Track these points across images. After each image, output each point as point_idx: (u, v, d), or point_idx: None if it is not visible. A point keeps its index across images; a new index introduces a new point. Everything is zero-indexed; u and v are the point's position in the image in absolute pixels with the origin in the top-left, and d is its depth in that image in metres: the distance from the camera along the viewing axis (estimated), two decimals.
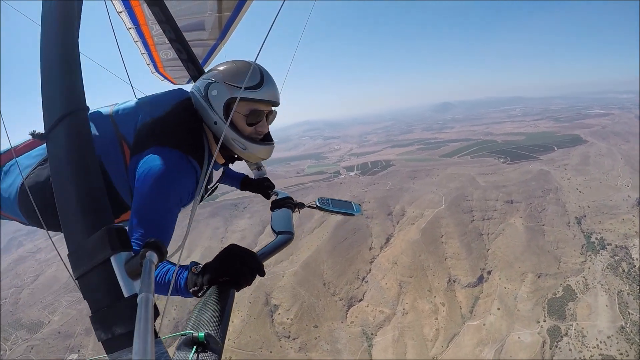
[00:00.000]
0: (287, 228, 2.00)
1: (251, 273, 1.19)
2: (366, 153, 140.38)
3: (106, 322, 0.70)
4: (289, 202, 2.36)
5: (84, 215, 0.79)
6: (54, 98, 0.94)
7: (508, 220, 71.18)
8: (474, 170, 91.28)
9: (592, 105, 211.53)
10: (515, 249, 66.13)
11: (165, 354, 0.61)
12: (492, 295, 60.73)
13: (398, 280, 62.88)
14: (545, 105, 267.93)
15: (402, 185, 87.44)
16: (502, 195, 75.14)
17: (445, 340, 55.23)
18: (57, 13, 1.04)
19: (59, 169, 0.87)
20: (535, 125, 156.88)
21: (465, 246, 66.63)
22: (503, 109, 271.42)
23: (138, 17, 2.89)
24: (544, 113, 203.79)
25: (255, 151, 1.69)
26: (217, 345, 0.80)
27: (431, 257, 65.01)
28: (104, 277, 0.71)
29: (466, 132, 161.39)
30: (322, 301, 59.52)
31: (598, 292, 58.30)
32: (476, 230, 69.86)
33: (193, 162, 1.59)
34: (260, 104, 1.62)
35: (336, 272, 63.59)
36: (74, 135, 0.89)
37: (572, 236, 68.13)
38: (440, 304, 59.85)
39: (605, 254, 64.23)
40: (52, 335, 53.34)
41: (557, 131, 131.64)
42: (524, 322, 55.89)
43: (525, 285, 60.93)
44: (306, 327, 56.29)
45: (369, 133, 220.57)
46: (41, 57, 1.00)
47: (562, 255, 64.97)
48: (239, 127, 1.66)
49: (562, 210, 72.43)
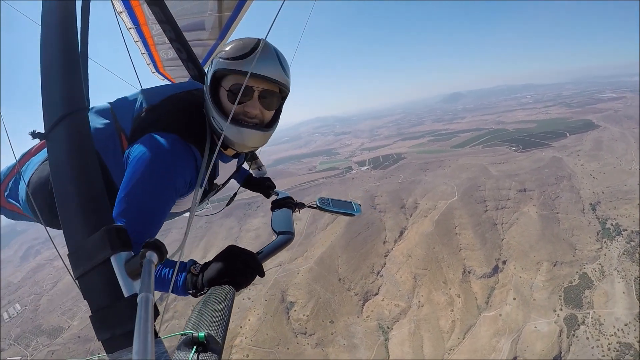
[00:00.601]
0: (287, 228, 1.92)
1: (251, 273, 1.19)
2: (377, 147, 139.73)
3: (106, 321, 0.70)
4: (289, 202, 2.26)
5: (84, 215, 0.79)
6: (54, 98, 0.94)
7: (522, 209, 70.34)
8: (486, 159, 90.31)
9: (604, 89, 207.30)
10: (530, 238, 65.46)
11: (165, 354, 0.61)
12: (508, 285, 60.37)
13: (413, 273, 62.61)
14: (556, 91, 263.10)
15: (414, 177, 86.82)
16: (515, 184, 74.15)
17: (462, 332, 55.10)
18: (57, 13, 1.04)
19: (59, 168, 0.87)
20: (547, 112, 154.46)
21: (480, 237, 65.98)
22: (514, 97, 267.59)
23: (138, 17, 2.86)
24: (556, 99, 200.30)
25: (233, 133, 1.43)
26: (217, 345, 0.80)
27: (445, 248, 64.58)
28: (104, 277, 0.72)
29: (477, 122, 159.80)
30: (338, 296, 59.48)
31: (615, 279, 57.67)
32: (490, 220, 69.12)
33: (192, 148, 1.44)
34: (249, 78, 1.35)
35: (351, 267, 63.44)
36: (74, 135, 0.89)
37: (587, 223, 67.24)
38: (455, 295, 59.59)
39: (621, 240, 63.43)
40: (72, 339, 53.98)
41: (569, 117, 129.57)
42: (541, 311, 55.56)
43: (541, 274, 60.46)
44: (322, 323, 56.35)
45: (380, 127, 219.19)
46: (41, 57, 1.00)
47: (577, 243, 64.25)
48: (224, 105, 1.46)
49: (576, 197, 71.35)
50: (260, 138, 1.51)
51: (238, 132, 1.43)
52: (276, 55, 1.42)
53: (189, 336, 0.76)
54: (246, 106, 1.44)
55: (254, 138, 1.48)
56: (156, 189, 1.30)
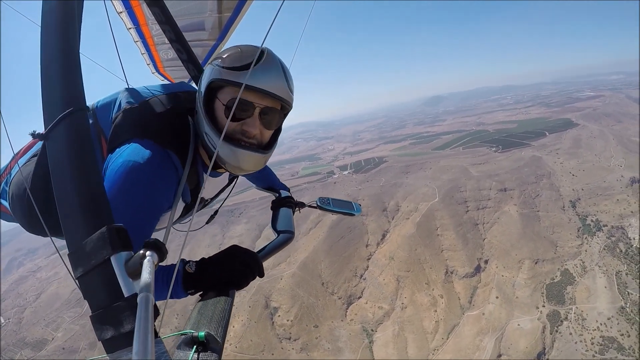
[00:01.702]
0: (287, 227, 1.93)
1: (251, 273, 1.16)
2: (360, 151, 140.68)
3: (106, 321, 0.69)
4: (290, 202, 2.25)
5: (84, 215, 0.78)
6: (54, 98, 0.93)
7: (503, 208, 70.77)
8: (467, 161, 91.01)
9: (583, 89, 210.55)
10: (511, 237, 65.80)
11: (165, 354, 0.61)
12: (490, 284, 60.54)
13: (395, 276, 62.72)
14: (536, 91, 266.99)
15: (395, 180, 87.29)
16: (495, 184, 74.67)
17: (446, 332, 55.16)
18: (57, 13, 1.02)
19: (59, 168, 0.85)
20: (527, 112, 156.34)
21: (461, 237, 66.25)
22: (494, 99, 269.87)
23: (138, 17, 2.82)
24: (535, 99, 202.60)
25: (227, 154, 1.28)
26: (217, 344, 0.79)
27: (427, 250, 64.78)
28: (104, 277, 0.71)
29: (458, 124, 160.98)
30: (321, 301, 59.44)
31: (596, 274, 58.09)
32: (471, 221, 69.46)
33: (173, 157, 1.29)
34: (249, 92, 1.22)
35: (334, 271, 63.47)
36: (74, 135, 0.87)
37: (567, 220, 67.70)
38: (438, 296, 59.65)
39: (601, 235, 63.99)
40: (57, 351, 53.51)
41: (549, 116, 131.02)
42: (523, 309, 55.76)
43: (523, 272, 60.76)
44: (306, 327, 56.25)
45: (362, 131, 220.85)
46: (41, 57, 0.99)
47: (558, 240, 64.63)
48: (218, 120, 1.29)
49: (556, 195, 71.90)
50: (258, 161, 1.37)
51: (233, 153, 1.29)
52: (281, 67, 1.28)
53: (189, 336, 0.75)
54: (245, 124, 1.29)
55: (251, 161, 1.34)
56: (135, 203, 1.18)
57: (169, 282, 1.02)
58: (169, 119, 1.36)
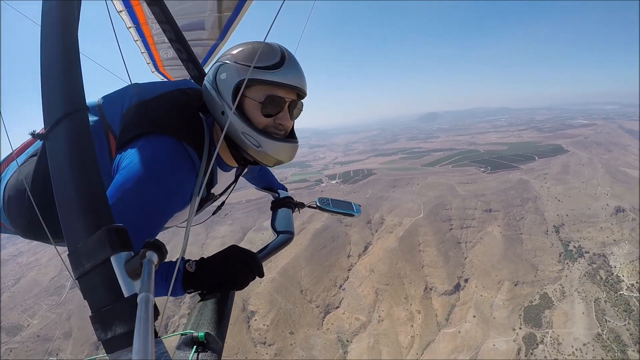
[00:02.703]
0: (287, 228, 1.93)
1: (251, 273, 1.16)
2: (350, 162, 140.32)
3: (106, 321, 0.68)
4: (289, 202, 2.23)
5: (84, 215, 0.76)
6: (54, 98, 0.91)
7: (486, 228, 70.69)
8: (454, 179, 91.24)
9: (577, 116, 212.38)
10: (492, 257, 65.50)
11: (165, 354, 0.60)
12: (469, 303, 59.98)
13: (375, 288, 62.44)
14: (530, 115, 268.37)
15: (382, 193, 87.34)
16: (481, 204, 74.75)
17: (420, 347, 54.48)
18: (57, 13, 1.01)
19: (59, 169, 0.84)
20: (519, 136, 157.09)
21: (443, 254, 66.10)
22: (489, 120, 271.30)
23: (138, 16, 2.81)
24: (529, 123, 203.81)
25: (272, 150, 1.32)
26: (217, 344, 0.78)
27: (408, 265, 64.60)
28: (104, 277, 0.69)
29: (450, 142, 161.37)
30: (299, 308, 59.13)
31: (575, 299, 57.49)
32: (454, 239, 69.37)
33: (191, 153, 1.28)
34: (279, 88, 1.29)
35: (314, 279, 63.31)
36: (74, 135, 0.86)
37: (550, 244, 67.46)
38: (416, 311, 59.15)
39: (582, 262, 63.61)
40: (31, 338, 53.10)
41: (540, 141, 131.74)
42: (500, 329, 55.08)
43: (502, 293, 60.17)
44: (282, 333, 55.85)
45: (355, 142, 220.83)
46: (41, 57, 0.97)
47: (539, 264, 64.28)
48: (253, 119, 1.31)
49: (540, 219, 71.83)
50: (295, 151, 1.42)
51: (276, 147, 1.32)
52: (299, 63, 1.34)
53: (189, 336, 0.75)
54: (277, 118, 1.33)
55: (291, 152, 1.39)
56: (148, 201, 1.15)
57: (169, 279, 1.01)
58: (184, 113, 1.36)
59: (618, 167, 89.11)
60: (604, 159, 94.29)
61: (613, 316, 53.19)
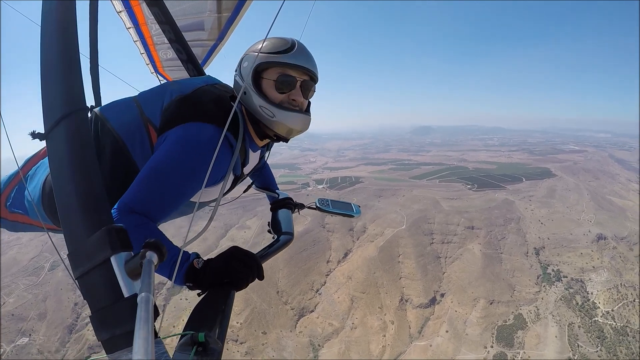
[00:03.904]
0: (287, 229, 1.94)
1: (252, 275, 1.18)
2: (340, 168, 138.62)
3: (106, 322, 0.67)
4: (289, 203, 2.26)
5: (84, 215, 0.76)
6: (54, 98, 0.91)
7: (467, 245, 70.21)
8: (440, 194, 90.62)
9: (569, 141, 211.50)
10: (470, 274, 65.01)
11: (165, 354, 0.59)
12: (443, 317, 59.44)
13: (350, 295, 62.03)
14: (523, 137, 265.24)
15: (367, 202, 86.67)
16: (463, 221, 74.31)
17: (391, 357, 54.07)
18: (57, 13, 1.02)
19: (59, 169, 0.84)
20: (509, 156, 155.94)
21: (421, 267, 65.59)
22: (481, 138, 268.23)
23: (137, 17, 2.83)
24: (521, 145, 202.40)
25: (285, 118, 1.47)
26: (217, 345, 0.76)
27: (386, 275, 64.12)
28: (104, 277, 0.68)
29: (441, 157, 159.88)
30: (274, 309, 58.66)
31: (549, 322, 57.11)
32: (434, 253, 68.92)
33: (228, 136, 1.43)
34: (290, 69, 1.45)
35: (291, 281, 62.90)
36: (74, 135, 0.85)
37: (529, 266, 66.96)
38: (389, 321, 58.60)
39: (560, 285, 63.27)
40: (6, 317, 52.59)
41: (529, 163, 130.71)
42: (471, 346, 54.56)
43: (477, 311, 59.65)
44: (255, 332, 55.34)
45: (347, 149, 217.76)
46: (41, 57, 0.97)
47: (516, 284, 63.70)
48: (269, 95, 1.48)
49: (521, 240, 71.31)
50: (307, 121, 1.55)
51: (288, 116, 1.46)
52: (309, 51, 1.51)
53: (189, 336, 0.74)
54: (291, 95, 1.48)
55: (303, 122, 1.52)
56: (185, 179, 1.27)
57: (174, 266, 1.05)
58: (220, 103, 1.48)
59: (604, 195, 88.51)
60: (591, 185, 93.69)
61: (585, 342, 52.79)
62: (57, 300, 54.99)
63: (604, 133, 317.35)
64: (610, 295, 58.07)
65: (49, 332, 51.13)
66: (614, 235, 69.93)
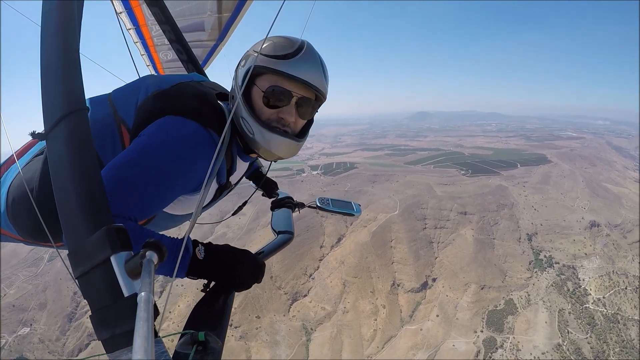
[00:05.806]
0: (287, 228, 1.84)
1: (255, 281, 1.12)
2: (336, 154, 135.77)
3: (106, 321, 0.65)
4: (289, 202, 2.12)
5: (84, 215, 0.73)
6: (54, 98, 0.87)
7: (459, 230, 68.75)
8: (434, 179, 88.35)
9: (566, 128, 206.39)
10: (462, 260, 63.76)
11: (165, 354, 0.57)
12: (434, 302, 58.63)
13: (343, 280, 61.23)
14: (521, 123, 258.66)
15: (360, 188, 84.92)
16: (456, 206, 72.52)
17: (382, 341, 53.46)
18: (57, 13, 0.96)
19: (59, 169, 0.80)
20: (506, 142, 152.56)
21: (414, 252, 64.11)
22: (479, 124, 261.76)
23: (138, 18, 2.76)
24: (518, 131, 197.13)
25: (264, 140, 1.20)
26: (217, 344, 0.74)
27: (378, 260, 63.08)
28: (104, 276, 0.67)
29: (438, 143, 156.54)
30: (267, 293, 57.96)
31: (539, 308, 56.29)
32: (427, 238, 67.43)
33: (214, 136, 1.17)
34: (286, 80, 1.15)
35: (284, 266, 61.91)
36: (74, 135, 0.82)
37: (521, 252, 65.48)
38: (381, 305, 57.75)
39: (551, 272, 62.30)
40: (7, 308, 52.05)
41: (525, 149, 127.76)
42: (461, 330, 53.83)
43: (468, 296, 58.78)
44: (249, 317, 54.71)
45: (344, 135, 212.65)
46: (41, 57, 0.93)
47: (508, 270, 62.45)
48: (256, 107, 1.20)
49: (514, 226, 69.54)
50: (292, 148, 1.26)
51: (269, 138, 1.19)
52: (319, 60, 1.20)
53: (189, 335, 0.72)
54: (281, 112, 1.19)
55: (285, 147, 1.24)
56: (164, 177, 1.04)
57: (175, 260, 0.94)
58: (205, 100, 1.22)
59: (600, 182, 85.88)
60: (587, 172, 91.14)
61: (575, 328, 51.75)
62: (57, 289, 54.35)
63: (602, 120, 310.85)
64: (602, 282, 56.87)
65: (49, 322, 50.74)
66: (607, 223, 68.39)
